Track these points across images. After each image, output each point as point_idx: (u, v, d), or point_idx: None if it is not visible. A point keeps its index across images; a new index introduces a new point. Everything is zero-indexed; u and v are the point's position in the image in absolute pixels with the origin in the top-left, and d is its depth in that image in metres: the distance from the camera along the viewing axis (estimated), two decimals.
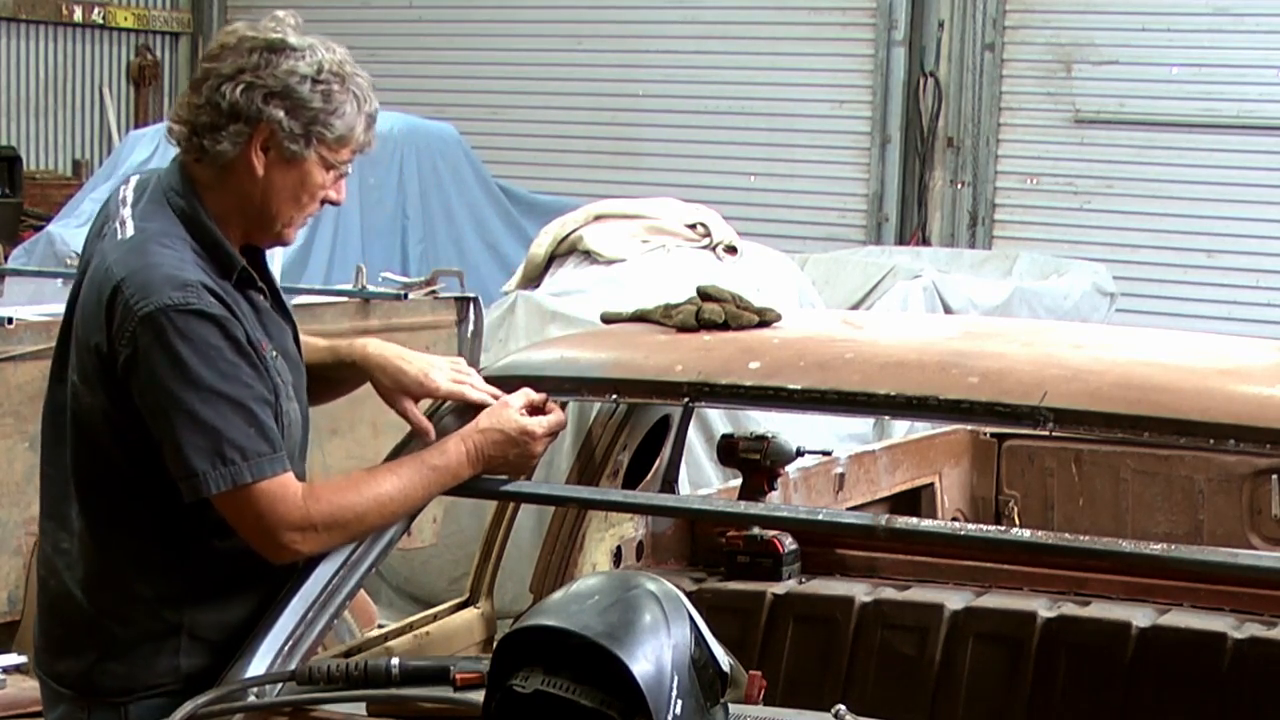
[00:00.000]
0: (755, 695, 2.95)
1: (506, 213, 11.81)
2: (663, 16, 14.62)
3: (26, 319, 5.37)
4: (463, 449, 3.33)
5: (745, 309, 3.84)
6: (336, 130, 3.19)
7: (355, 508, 3.20)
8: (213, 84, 3.16)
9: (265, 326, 3.25)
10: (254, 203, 3.22)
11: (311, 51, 3.17)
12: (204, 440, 3.05)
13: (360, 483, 3.24)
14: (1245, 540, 5.27)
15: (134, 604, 3.19)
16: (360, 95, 3.21)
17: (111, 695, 3.20)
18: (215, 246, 3.18)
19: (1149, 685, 3.95)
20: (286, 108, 3.14)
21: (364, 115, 3.22)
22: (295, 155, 3.17)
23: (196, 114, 3.17)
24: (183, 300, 3.06)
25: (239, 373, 3.09)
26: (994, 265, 11.53)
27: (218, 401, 3.05)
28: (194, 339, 3.05)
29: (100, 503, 3.20)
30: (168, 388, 3.05)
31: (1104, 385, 3.34)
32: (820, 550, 4.47)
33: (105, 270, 3.14)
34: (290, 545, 3.14)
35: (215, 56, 3.19)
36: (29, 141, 16.09)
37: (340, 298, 6.59)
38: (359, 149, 3.26)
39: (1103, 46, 13.06)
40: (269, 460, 3.09)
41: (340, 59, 3.21)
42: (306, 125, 3.16)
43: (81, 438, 3.19)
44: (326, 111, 3.16)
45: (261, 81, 3.14)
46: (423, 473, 3.29)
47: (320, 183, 3.23)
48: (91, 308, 3.15)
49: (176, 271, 3.09)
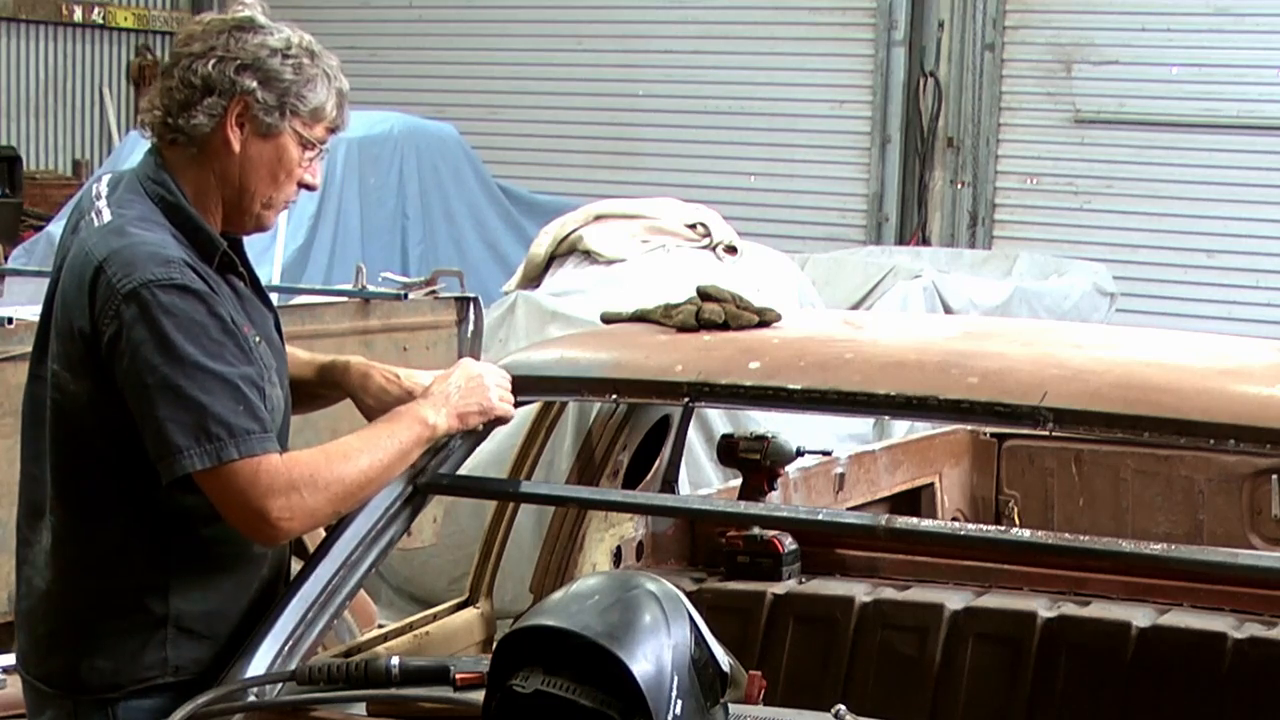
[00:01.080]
0: (755, 695, 2.95)
1: (506, 213, 11.82)
2: (663, 16, 14.62)
3: (26, 319, 5.36)
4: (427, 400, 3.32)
5: (745, 309, 3.84)
6: (310, 102, 3.20)
7: (333, 468, 3.13)
8: (185, 64, 3.17)
9: (247, 312, 3.23)
10: (232, 182, 3.21)
11: (279, 29, 3.21)
12: (187, 415, 3.00)
13: (333, 446, 3.20)
14: (1245, 540, 5.27)
15: (118, 596, 3.18)
16: (330, 73, 3.24)
17: (100, 691, 3.19)
18: (195, 230, 3.17)
19: (1149, 685, 3.95)
20: (259, 79, 3.16)
21: (335, 91, 3.24)
22: (271, 128, 3.18)
23: (170, 96, 3.18)
24: (166, 276, 3.03)
25: (224, 350, 3.05)
26: (994, 265, 11.53)
27: (203, 376, 3.01)
28: (178, 314, 3.02)
29: (82, 495, 3.18)
30: (151, 363, 3.01)
31: (1104, 385, 3.34)
32: (820, 550, 4.47)
33: (85, 254, 3.11)
34: (277, 519, 3.07)
35: (184, 42, 3.21)
36: (29, 141, 16.09)
37: (340, 298, 6.59)
38: (333, 126, 3.27)
39: (1103, 46, 13.06)
40: (258, 438, 3.04)
41: (309, 39, 3.25)
42: (280, 96, 3.17)
43: (63, 429, 3.17)
44: (299, 83, 3.18)
45: (233, 55, 3.16)
46: (390, 426, 3.27)
47: (296, 159, 3.22)
48: (73, 293, 3.12)
49: (159, 249, 3.07)
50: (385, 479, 3.28)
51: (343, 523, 3.41)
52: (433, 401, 3.33)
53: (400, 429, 3.28)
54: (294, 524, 3.12)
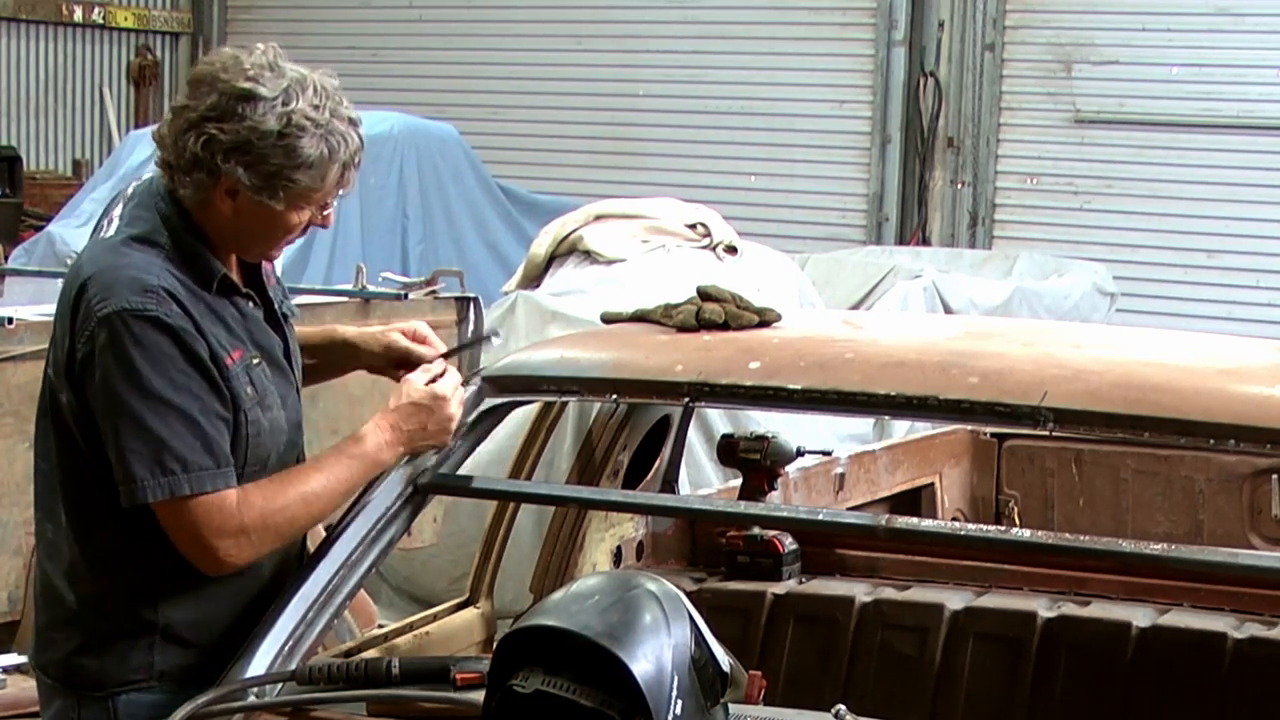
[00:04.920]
0: (755, 695, 2.95)
1: (506, 213, 11.81)
2: (663, 16, 14.62)
3: (26, 319, 5.37)
4: (378, 432, 3.32)
5: (745, 309, 3.84)
6: (301, 183, 3.13)
7: (285, 510, 3.17)
8: (181, 125, 3.11)
9: (252, 334, 3.23)
10: (228, 235, 3.20)
11: (285, 99, 3.08)
12: (145, 447, 3.04)
13: (286, 482, 3.20)
14: (1245, 540, 5.27)
15: (110, 598, 3.20)
16: (334, 142, 3.12)
17: (89, 688, 3.21)
18: (195, 256, 3.16)
19: (1149, 685, 3.95)
20: (246, 163, 3.08)
21: (337, 164, 3.15)
22: (261, 204, 3.14)
23: (168, 150, 3.14)
24: (141, 306, 3.04)
25: (190, 384, 3.07)
26: (994, 265, 11.53)
27: (164, 410, 3.04)
28: (147, 345, 3.04)
29: (78, 496, 3.20)
30: (116, 391, 3.04)
31: (1104, 385, 3.34)
32: (820, 550, 4.47)
33: (78, 266, 3.16)
34: (224, 556, 3.12)
35: (194, 87, 3.13)
36: (29, 141, 16.08)
37: (340, 298, 6.59)
38: (333, 193, 3.21)
39: (1103, 46, 13.05)
40: (210, 475, 3.08)
41: (318, 103, 3.11)
42: (268, 179, 3.11)
43: (59, 430, 3.20)
44: (290, 166, 3.10)
45: (224, 135, 3.07)
46: (343, 463, 3.27)
47: (295, 223, 3.21)
48: (62, 304, 3.17)
49: (141, 275, 3.07)
50: (331, 515, 3.34)
51: (342, 522, 3.43)
52: (390, 439, 3.33)
53: (356, 471, 3.29)
54: (240, 560, 3.16)
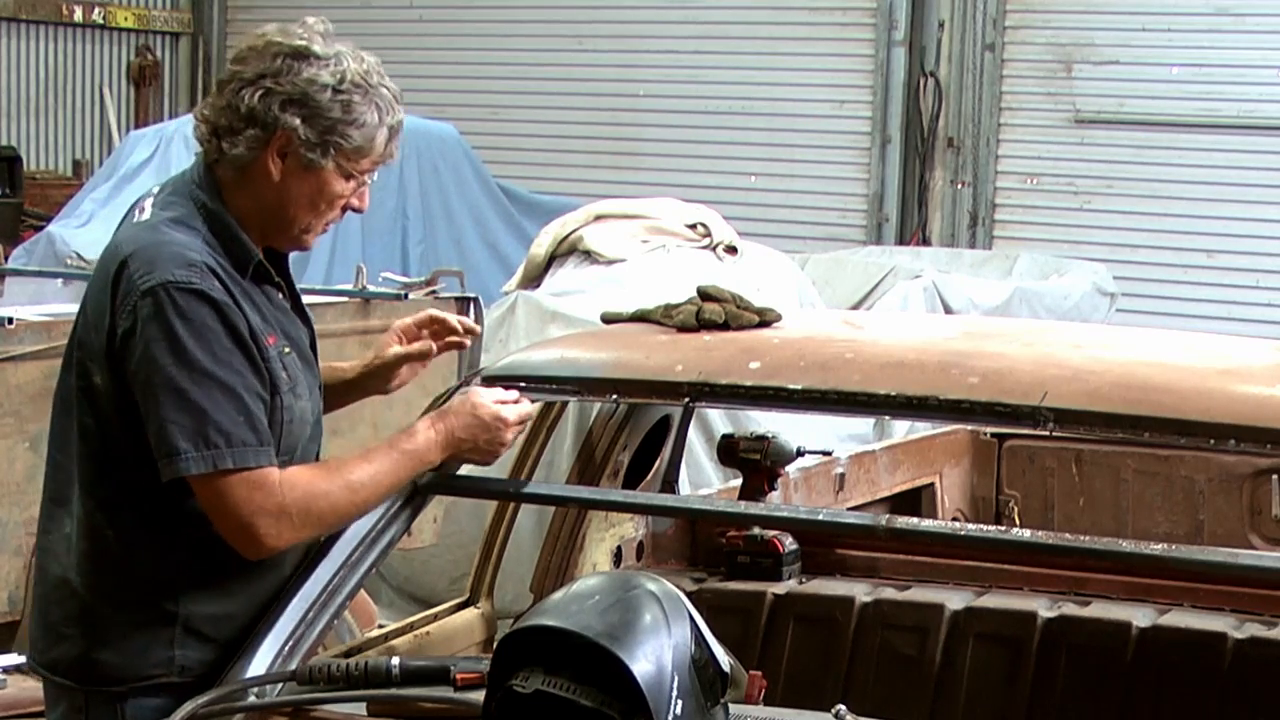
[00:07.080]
0: (755, 695, 2.95)
1: (506, 213, 11.80)
2: (663, 16, 14.62)
3: (26, 319, 5.36)
4: (432, 432, 3.33)
5: (745, 309, 3.84)
6: (354, 141, 3.18)
7: (329, 495, 3.18)
8: (234, 87, 3.17)
9: (281, 323, 3.26)
10: (270, 207, 3.22)
11: (337, 60, 3.17)
12: (189, 419, 3.04)
13: (333, 470, 3.23)
14: (1245, 540, 5.27)
15: (130, 590, 3.19)
16: (383, 107, 3.21)
17: (105, 684, 3.20)
18: (231, 239, 3.19)
19: (1149, 685, 3.95)
20: (303, 115, 3.14)
21: (385, 127, 3.22)
22: (312, 164, 3.18)
23: (218, 116, 3.19)
24: (185, 279, 3.07)
25: (233, 359, 3.09)
26: (994, 265, 11.53)
27: (208, 383, 3.05)
28: (192, 318, 3.05)
29: (102, 485, 3.20)
30: (160, 363, 3.05)
31: (1104, 385, 3.34)
32: (820, 550, 4.48)
33: (115, 247, 3.17)
34: (263, 536, 3.11)
35: (242, 59, 3.20)
36: (29, 141, 16.08)
37: (340, 298, 6.59)
38: (380, 160, 3.25)
39: (1103, 46, 13.05)
40: (254, 451, 3.08)
41: (366, 69, 3.20)
42: (323, 134, 3.16)
43: (87, 418, 3.20)
44: (344, 122, 3.16)
45: (280, 88, 3.14)
46: (393, 457, 3.28)
47: (339, 192, 3.24)
48: (99, 283, 3.17)
49: (184, 251, 3.10)
50: (374, 508, 3.34)
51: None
52: (441, 441, 3.34)
53: (404, 465, 3.30)
54: (279, 543, 3.16)
